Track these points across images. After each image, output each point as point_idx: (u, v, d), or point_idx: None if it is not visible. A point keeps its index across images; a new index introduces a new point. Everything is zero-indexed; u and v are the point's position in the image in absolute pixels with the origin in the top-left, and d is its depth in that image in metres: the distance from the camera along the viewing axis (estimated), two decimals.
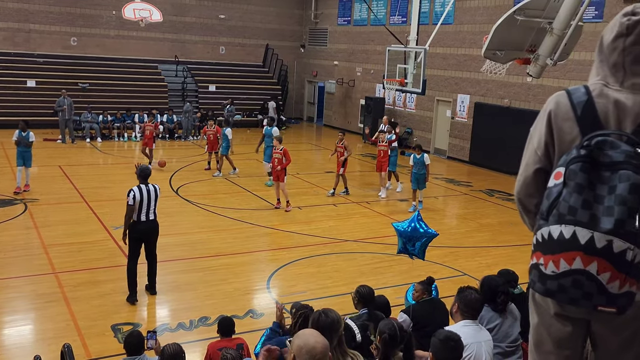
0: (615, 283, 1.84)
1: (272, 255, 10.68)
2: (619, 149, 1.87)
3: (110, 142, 21.04)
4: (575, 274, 1.87)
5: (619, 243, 1.81)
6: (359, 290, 5.43)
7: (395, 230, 6.91)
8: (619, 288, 1.84)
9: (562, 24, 9.04)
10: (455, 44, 20.56)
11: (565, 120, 2.08)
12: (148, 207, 8.13)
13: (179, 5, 26.64)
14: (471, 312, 4.34)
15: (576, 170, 1.89)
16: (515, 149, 14.99)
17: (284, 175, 13.16)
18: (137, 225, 8.12)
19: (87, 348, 6.89)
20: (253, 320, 7.79)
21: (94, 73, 24.30)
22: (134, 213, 8.07)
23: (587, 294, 1.87)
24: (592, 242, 1.83)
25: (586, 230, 1.84)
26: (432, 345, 3.72)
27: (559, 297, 1.94)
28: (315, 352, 2.65)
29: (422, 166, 13.47)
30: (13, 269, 9.23)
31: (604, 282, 1.84)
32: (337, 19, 27.36)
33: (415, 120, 22.80)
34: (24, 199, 12.91)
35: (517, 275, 5.69)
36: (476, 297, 4.38)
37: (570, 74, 16.55)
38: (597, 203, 1.84)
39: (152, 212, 8.21)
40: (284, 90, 28.00)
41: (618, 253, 1.81)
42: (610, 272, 1.83)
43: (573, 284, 1.88)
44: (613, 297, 1.86)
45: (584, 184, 1.86)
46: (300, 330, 2.87)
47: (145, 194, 8.08)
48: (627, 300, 1.88)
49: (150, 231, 8.29)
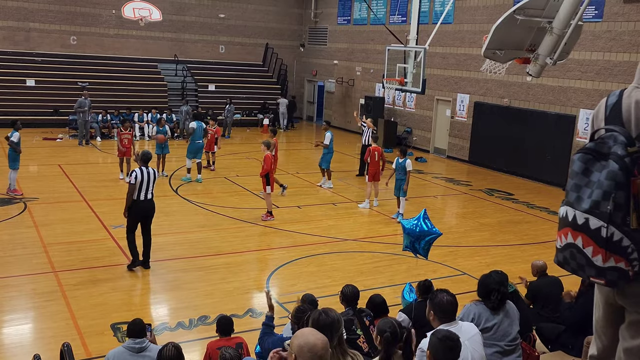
0: (598, 257, 2.07)
1: (271, 254, 10.68)
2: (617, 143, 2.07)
3: (110, 141, 21.01)
4: (570, 247, 2.15)
5: (594, 221, 2.06)
6: (342, 291, 5.57)
7: (403, 227, 6.94)
8: (602, 261, 2.07)
9: (562, 23, 9.04)
10: (455, 44, 20.56)
11: (600, 121, 2.33)
12: (147, 188, 9.08)
13: (178, 4, 26.63)
14: (447, 315, 4.33)
15: (575, 159, 2.15)
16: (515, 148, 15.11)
17: (264, 183, 12.14)
18: (137, 203, 9.05)
19: (86, 347, 6.89)
20: (253, 319, 7.79)
21: (94, 72, 24.29)
22: (135, 192, 8.96)
23: (580, 265, 2.14)
24: (575, 219, 2.11)
25: (572, 209, 2.12)
26: (430, 345, 3.72)
27: (566, 267, 2.24)
28: (317, 350, 2.69)
29: (403, 171, 12.59)
30: (12, 267, 9.23)
31: (589, 255, 2.09)
32: (336, 18, 27.36)
33: (414, 119, 22.81)
34: (23, 198, 12.90)
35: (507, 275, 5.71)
36: (449, 300, 4.37)
37: (570, 74, 16.56)
38: (586, 187, 2.09)
39: (150, 192, 9.17)
40: (283, 89, 28.00)
41: (594, 229, 2.06)
42: (592, 246, 2.08)
43: (570, 256, 2.16)
44: (601, 270, 2.09)
45: (577, 171, 2.12)
46: (298, 330, 2.88)
47: (145, 176, 9.03)
48: (618, 275, 2.08)
49: (148, 209, 9.24)
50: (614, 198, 2.01)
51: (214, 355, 5.29)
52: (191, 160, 15.60)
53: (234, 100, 24.77)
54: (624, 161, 2.03)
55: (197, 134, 15.50)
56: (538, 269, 7.06)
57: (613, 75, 15.47)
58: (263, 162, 12.17)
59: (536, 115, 17.50)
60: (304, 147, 22.42)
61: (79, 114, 19.88)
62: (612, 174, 2.02)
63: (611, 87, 15.48)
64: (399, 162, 12.68)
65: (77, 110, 19.93)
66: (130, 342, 5.02)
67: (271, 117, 26.44)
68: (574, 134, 16.46)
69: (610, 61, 15.55)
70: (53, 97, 22.90)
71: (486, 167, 19.17)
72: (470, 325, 4.50)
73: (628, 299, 2.24)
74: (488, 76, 17.38)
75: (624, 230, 2.02)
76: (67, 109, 21.92)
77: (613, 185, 2.01)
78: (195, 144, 15.48)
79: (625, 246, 2.04)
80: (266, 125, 25.66)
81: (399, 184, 12.66)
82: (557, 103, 17.07)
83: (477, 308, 4.94)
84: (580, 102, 16.39)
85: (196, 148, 15.52)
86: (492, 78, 17.64)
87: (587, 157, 2.10)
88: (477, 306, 4.96)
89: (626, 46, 15.15)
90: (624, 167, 2.02)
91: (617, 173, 2.02)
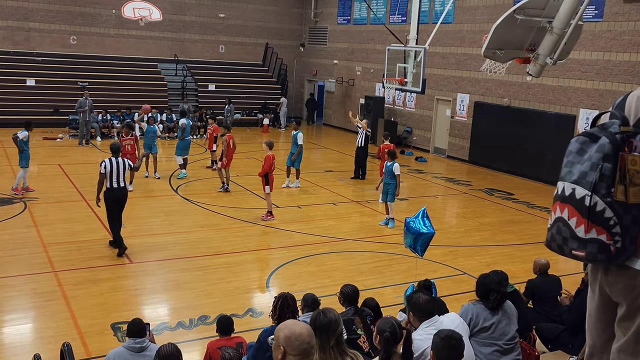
0: (581, 227, 2.11)
1: (271, 254, 10.68)
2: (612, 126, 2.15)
3: (110, 141, 21.00)
4: (558, 221, 2.20)
5: (580, 190, 2.11)
6: (342, 290, 5.54)
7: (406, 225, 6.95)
8: (584, 232, 2.11)
9: (562, 23, 9.05)
10: (455, 43, 20.56)
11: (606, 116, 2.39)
12: (118, 176, 9.77)
13: (178, 4, 26.63)
14: (425, 313, 4.44)
15: (572, 141, 2.23)
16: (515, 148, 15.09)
17: (264, 183, 12.17)
18: (110, 191, 9.76)
19: (86, 347, 6.89)
20: (253, 319, 7.79)
21: (94, 72, 24.30)
22: (107, 181, 9.68)
23: (565, 238, 2.17)
24: (564, 190, 2.17)
25: (562, 182, 2.19)
26: (433, 344, 3.73)
27: (553, 246, 2.26)
28: (304, 337, 2.74)
29: (391, 176, 12.05)
30: (12, 267, 9.23)
31: (573, 227, 2.13)
32: (336, 17, 27.36)
33: (414, 119, 22.81)
34: (23, 198, 12.91)
35: (507, 274, 5.73)
36: (425, 299, 4.49)
37: (570, 73, 16.56)
38: (578, 163, 2.15)
39: (122, 180, 9.85)
40: (283, 89, 28.00)
41: (579, 199, 2.11)
42: (576, 217, 2.12)
43: (557, 231, 2.21)
44: (583, 242, 2.13)
45: (572, 150, 2.19)
46: (281, 323, 2.92)
47: (115, 165, 9.75)
48: (598, 247, 2.11)
49: (121, 196, 9.91)
50: (601, 168, 2.07)
51: (214, 355, 5.30)
52: (181, 157, 15.90)
53: (234, 100, 24.77)
54: (614, 136, 2.10)
55: (187, 131, 16.16)
56: (540, 267, 7.07)
57: (613, 75, 15.47)
58: (264, 161, 12.18)
59: (536, 115, 17.50)
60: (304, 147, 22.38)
61: (80, 114, 19.88)
62: (601, 146, 2.09)
63: (611, 87, 15.48)
64: (387, 165, 12.19)
65: (77, 110, 19.94)
66: (130, 342, 5.02)
67: (271, 117, 26.45)
68: (574, 133, 16.44)
69: (610, 61, 15.55)
70: (53, 97, 22.90)
71: (486, 167, 19.17)
72: (452, 317, 4.57)
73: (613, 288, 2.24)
74: (488, 76, 17.38)
75: (607, 202, 2.06)
76: (67, 109, 21.93)
77: (600, 156, 2.08)
78: (185, 140, 16.01)
79: (608, 217, 2.07)
80: (266, 125, 25.68)
81: (386, 188, 12.14)
82: (557, 103, 17.07)
83: (475, 308, 4.95)
84: (580, 102, 16.39)
85: (185, 144, 15.98)
86: (492, 78, 17.65)
87: (584, 139, 2.17)
88: (475, 306, 4.98)
89: (626, 46, 15.15)
90: (613, 141, 2.09)
91: (606, 145, 2.09)
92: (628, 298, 2.19)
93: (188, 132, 16.23)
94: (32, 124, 13.82)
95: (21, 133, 13.14)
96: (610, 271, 2.24)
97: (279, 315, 5.02)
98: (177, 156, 16.03)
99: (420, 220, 7.02)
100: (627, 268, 2.16)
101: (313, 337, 2.78)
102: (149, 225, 11.92)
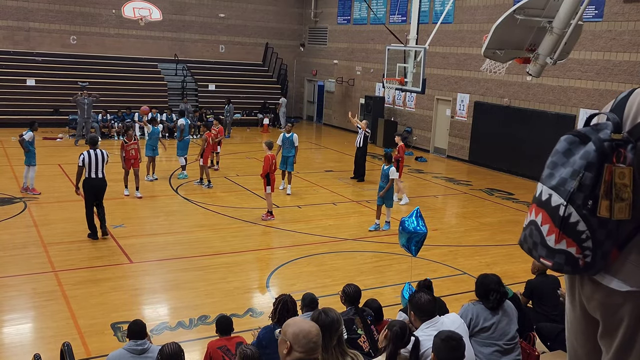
0: (552, 236, 2.00)
1: (271, 254, 10.69)
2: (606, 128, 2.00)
3: (110, 141, 21.02)
4: (531, 224, 2.09)
5: (556, 197, 1.99)
6: (345, 290, 5.54)
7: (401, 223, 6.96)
8: (555, 242, 2.00)
9: (562, 23, 9.05)
10: (455, 43, 20.56)
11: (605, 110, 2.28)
12: (97, 167, 10.37)
13: (178, 3, 26.63)
14: (427, 313, 4.45)
15: (561, 140, 2.07)
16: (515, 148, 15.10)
17: (265, 183, 12.12)
18: (89, 181, 10.41)
19: (86, 347, 6.89)
20: (253, 319, 7.79)
21: (94, 72, 24.28)
22: (86, 171, 10.31)
23: (535, 243, 2.06)
24: (541, 194, 2.05)
25: (541, 185, 2.07)
26: (433, 345, 3.73)
27: (524, 247, 2.15)
28: (312, 336, 2.76)
29: (385, 179, 11.60)
30: (12, 267, 9.23)
31: (545, 234, 2.02)
32: (336, 17, 27.36)
33: (414, 119, 22.81)
34: (23, 198, 12.91)
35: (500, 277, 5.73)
36: (427, 299, 4.49)
37: (570, 73, 16.56)
38: (562, 166, 2.01)
39: (101, 171, 10.45)
40: (283, 89, 28.00)
41: (554, 207, 1.99)
42: (549, 224, 2.01)
43: (529, 234, 2.10)
44: (552, 251, 2.01)
45: (559, 150, 2.04)
46: (290, 319, 2.93)
47: (93, 157, 10.36)
48: (565, 259, 2.00)
49: (99, 187, 10.54)
50: (581, 178, 1.94)
51: (214, 354, 5.30)
52: (183, 157, 15.93)
53: (234, 100, 24.77)
54: (602, 144, 1.94)
55: (186, 131, 16.25)
56: (538, 267, 7.07)
57: (613, 75, 15.47)
58: (263, 162, 12.17)
59: (536, 115, 17.50)
60: (304, 147, 22.40)
61: (79, 113, 19.83)
62: (586, 153, 1.95)
63: (611, 87, 15.48)
64: (384, 169, 11.73)
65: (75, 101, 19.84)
66: (131, 344, 5.01)
67: (271, 117, 26.45)
68: None
69: (610, 61, 15.55)
70: (53, 97, 22.89)
71: (486, 167, 19.17)
72: (453, 318, 4.57)
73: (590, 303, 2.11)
74: (488, 76, 17.38)
75: (582, 214, 1.94)
76: (67, 109, 21.93)
77: (584, 164, 1.94)
78: (185, 140, 16.08)
79: (580, 231, 1.95)
80: (266, 125, 25.67)
81: (380, 190, 11.73)
82: (557, 103, 17.07)
83: (475, 308, 4.96)
84: (580, 102, 16.39)
85: (184, 144, 16.05)
86: (492, 78, 17.65)
87: (574, 139, 2.02)
88: (475, 306, 4.98)
89: (626, 46, 15.15)
90: (599, 149, 1.93)
91: (591, 153, 1.94)
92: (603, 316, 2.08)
93: (187, 132, 16.30)
94: (36, 123, 13.89)
95: (26, 134, 13.22)
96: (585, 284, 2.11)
97: (278, 319, 5.03)
98: (179, 157, 16.02)
99: (414, 220, 7.03)
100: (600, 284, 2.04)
101: (320, 337, 2.80)
102: (149, 225, 11.93)
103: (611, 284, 1.99)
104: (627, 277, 1.96)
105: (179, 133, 16.24)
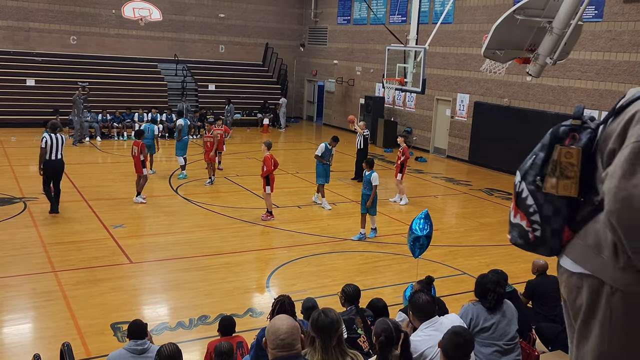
0: (512, 211, 2.16)
1: (271, 254, 10.69)
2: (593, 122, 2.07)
3: (110, 141, 21.04)
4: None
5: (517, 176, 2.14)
6: (344, 289, 5.55)
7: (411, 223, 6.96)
8: (513, 216, 2.15)
9: (562, 23, 9.05)
10: (454, 43, 20.56)
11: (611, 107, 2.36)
12: (56, 150, 11.52)
13: (178, 4, 26.63)
14: (425, 314, 4.45)
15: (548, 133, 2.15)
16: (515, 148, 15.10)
17: (264, 183, 12.10)
18: (49, 163, 11.52)
19: (86, 347, 6.89)
20: (253, 319, 7.79)
21: (94, 72, 24.28)
22: (47, 154, 11.40)
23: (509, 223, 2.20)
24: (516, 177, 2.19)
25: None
26: (442, 341, 3.77)
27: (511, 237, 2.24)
28: (280, 333, 2.80)
29: (368, 186, 10.98)
30: (12, 267, 9.23)
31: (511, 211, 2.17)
32: (336, 18, 27.36)
33: (414, 119, 22.81)
34: (23, 198, 12.91)
35: (506, 274, 5.74)
36: (426, 300, 4.50)
37: (570, 73, 16.57)
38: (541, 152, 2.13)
39: (60, 153, 11.58)
40: (283, 89, 28.00)
41: (514, 185, 2.15)
42: (513, 202, 2.16)
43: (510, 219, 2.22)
44: (511, 226, 2.17)
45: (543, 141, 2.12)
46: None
47: (54, 141, 11.51)
48: (519, 232, 2.13)
49: (58, 167, 11.71)
50: (534, 158, 2.09)
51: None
52: (182, 157, 15.92)
53: (234, 100, 24.78)
54: (558, 129, 2.07)
55: (184, 131, 16.24)
56: (538, 268, 7.09)
57: (613, 75, 15.48)
58: (263, 163, 12.13)
59: (536, 115, 17.50)
60: (304, 147, 22.42)
61: (74, 113, 19.79)
62: (544, 138, 2.10)
63: (611, 87, 15.49)
64: (366, 175, 11.10)
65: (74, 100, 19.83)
66: (131, 344, 5.02)
67: (271, 117, 26.45)
68: None
69: (610, 61, 15.55)
70: (53, 97, 22.88)
71: (486, 167, 19.17)
72: (452, 318, 4.58)
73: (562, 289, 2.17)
74: (488, 76, 17.39)
75: (530, 189, 2.08)
76: (67, 109, 21.91)
77: (540, 147, 2.10)
78: (183, 140, 16.09)
79: (528, 204, 2.08)
80: (266, 125, 25.67)
81: (365, 199, 11.03)
82: (557, 103, 17.07)
83: (475, 308, 4.96)
84: (580, 102, 16.38)
85: (184, 144, 16.06)
86: (492, 78, 17.65)
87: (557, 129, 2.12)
88: (475, 306, 4.99)
89: (626, 46, 15.15)
90: (553, 132, 2.07)
91: (547, 136, 2.09)
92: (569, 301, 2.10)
93: (185, 132, 16.26)
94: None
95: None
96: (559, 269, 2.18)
97: None
98: (178, 157, 16.03)
99: (419, 221, 7.03)
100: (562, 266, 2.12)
101: (292, 335, 2.82)
102: (149, 225, 11.94)
103: (566, 264, 2.07)
104: (581, 259, 2.00)
105: (177, 133, 16.23)
